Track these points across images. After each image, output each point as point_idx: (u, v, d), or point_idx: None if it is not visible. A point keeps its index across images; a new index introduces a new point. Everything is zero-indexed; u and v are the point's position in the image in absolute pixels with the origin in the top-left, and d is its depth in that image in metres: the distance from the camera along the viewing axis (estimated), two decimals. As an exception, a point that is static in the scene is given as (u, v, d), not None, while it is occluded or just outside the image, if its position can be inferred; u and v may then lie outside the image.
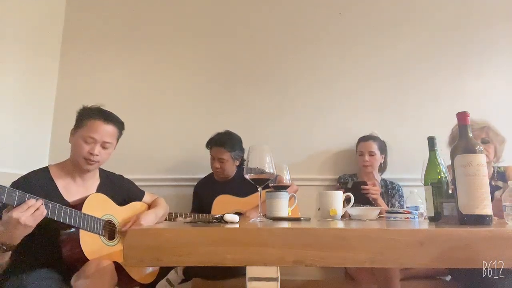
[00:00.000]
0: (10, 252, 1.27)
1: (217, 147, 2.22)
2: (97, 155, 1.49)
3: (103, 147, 1.52)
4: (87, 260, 1.36)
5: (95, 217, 1.46)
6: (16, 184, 1.40)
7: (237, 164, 2.31)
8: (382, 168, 2.37)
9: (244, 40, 2.76)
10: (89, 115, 1.53)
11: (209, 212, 2.17)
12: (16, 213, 1.18)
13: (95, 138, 1.49)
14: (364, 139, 2.35)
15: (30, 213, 1.20)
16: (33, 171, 1.50)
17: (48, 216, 1.28)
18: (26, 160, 2.36)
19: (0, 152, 2.18)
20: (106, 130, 1.52)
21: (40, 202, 1.23)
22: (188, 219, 2.07)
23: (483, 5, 2.69)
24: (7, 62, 2.26)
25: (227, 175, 2.29)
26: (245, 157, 2.26)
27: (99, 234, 1.46)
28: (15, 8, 2.32)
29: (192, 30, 2.79)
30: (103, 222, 1.50)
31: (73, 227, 1.37)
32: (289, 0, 2.79)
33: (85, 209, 1.43)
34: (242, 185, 2.09)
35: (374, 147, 2.29)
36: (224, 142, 2.21)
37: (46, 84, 2.66)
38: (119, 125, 1.59)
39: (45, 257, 1.39)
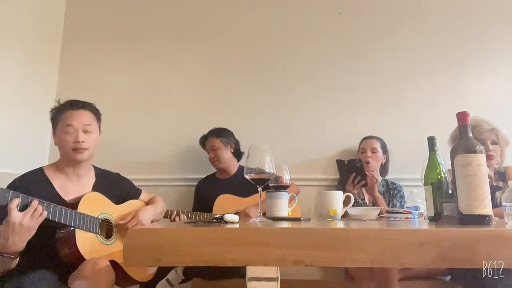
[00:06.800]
0: (18, 257, 1.28)
1: (206, 140, 2.37)
2: (83, 141, 1.48)
3: (86, 132, 1.51)
4: (84, 259, 1.35)
5: (91, 216, 1.44)
6: (13, 186, 1.39)
7: (231, 151, 2.35)
8: (384, 170, 2.37)
9: (243, 40, 2.76)
10: (59, 111, 1.53)
11: (210, 211, 2.17)
12: (19, 218, 1.20)
13: (73, 125, 1.48)
14: (367, 137, 2.38)
15: (30, 215, 1.22)
16: (28, 172, 1.49)
17: (46, 217, 1.28)
18: (26, 160, 2.36)
19: (0, 152, 2.18)
20: (80, 114, 1.51)
21: (36, 203, 1.25)
22: (183, 217, 2.06)
23: (483, 5, 2.69)
24: (7, 62, 2.25)
25: (224, 164, 2.32)
26: (244, 157, 2.29)
27: (95, 233, 1.45)
28: (15, 8, 2.32)
29: (191, 30, 2.78)
30: (100, 221, 1.49)
31: (69, 226, 1.36)
32: (289, 0, 2.79)
33: (81, 208, 1.41)
34: (244, 184, 2.08)
35: (377, 144, 2.32)
36: (211, 132, 2.38)
37: (46, 84, 2.66)
38: (91, 107, 1.58)
39: (42, 258, 1.38)
